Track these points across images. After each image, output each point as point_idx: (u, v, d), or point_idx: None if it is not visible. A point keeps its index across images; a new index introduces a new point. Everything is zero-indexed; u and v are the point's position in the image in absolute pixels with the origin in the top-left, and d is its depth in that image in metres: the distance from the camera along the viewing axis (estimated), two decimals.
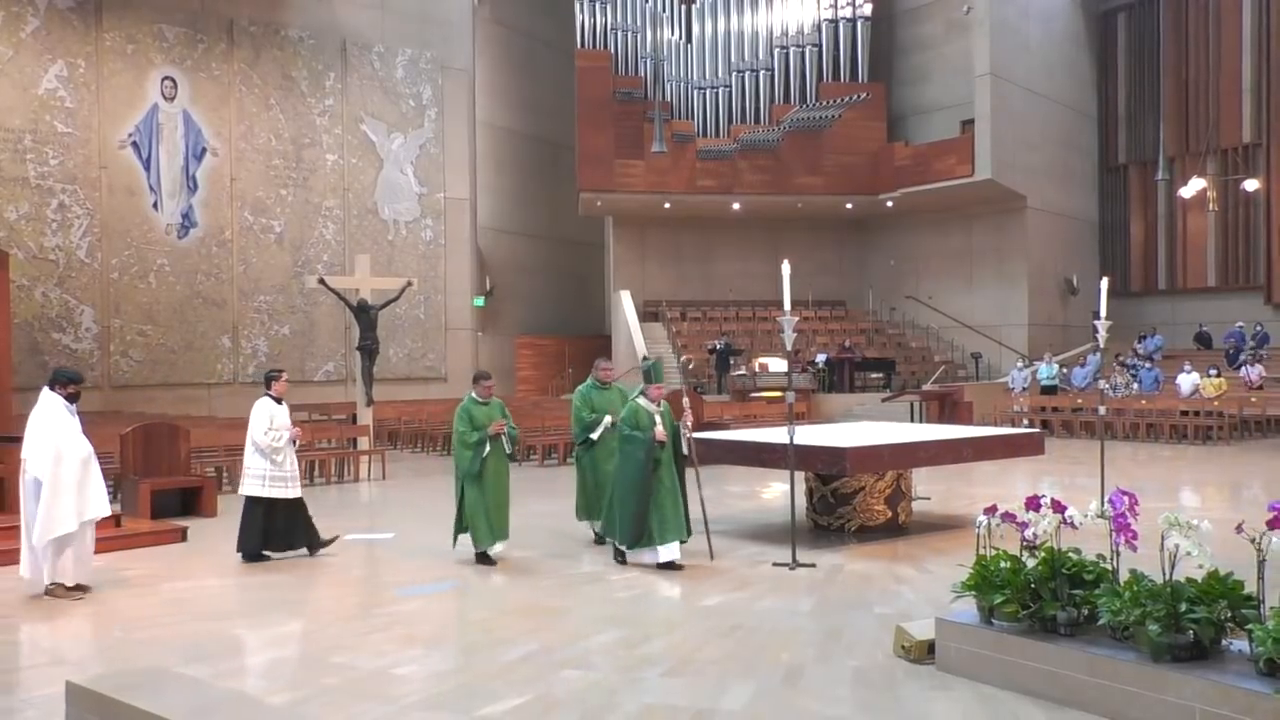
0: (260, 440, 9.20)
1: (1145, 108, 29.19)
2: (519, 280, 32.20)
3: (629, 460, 8.70)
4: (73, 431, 7.97)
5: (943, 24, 30.07)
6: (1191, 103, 28.34)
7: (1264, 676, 4.54)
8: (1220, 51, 27.81)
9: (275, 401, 9.41)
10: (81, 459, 7.92)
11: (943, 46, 30.22)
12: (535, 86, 32.78)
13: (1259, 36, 27.05)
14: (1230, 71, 27.67)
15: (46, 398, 8.04)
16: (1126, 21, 30.00)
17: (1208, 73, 28.05)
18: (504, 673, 5.96)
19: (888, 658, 6.05)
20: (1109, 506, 5.36)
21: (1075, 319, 28.46)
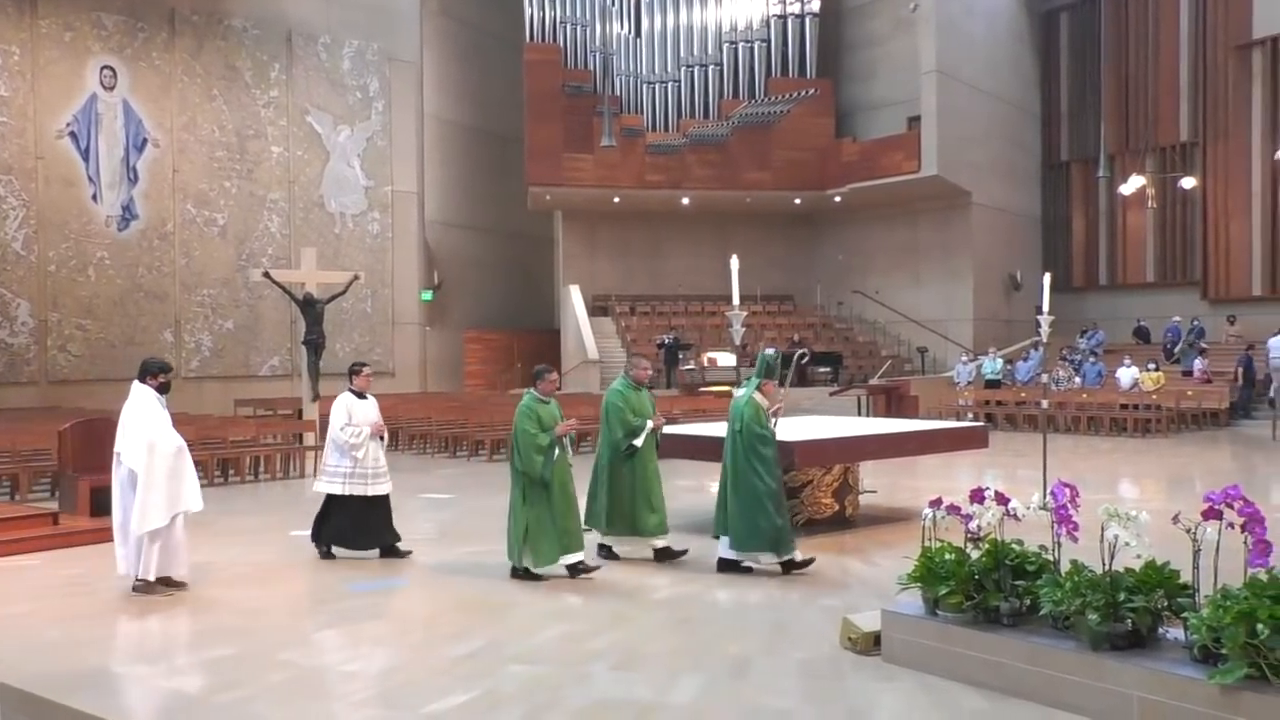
0: (338, 436, 8.78)
1: (1086, 106, 29.64)
2: (467, 274, 32.01)
3: (762, 462, 8.06)
4: (164, 423, 7.83)
5: (889, 21, 30.32)
6: (1131, 101, 28.84)
7: (1198, 663, 4.64)
8: (1158, 52, 28.32)
9: (358, 396, 9.01)
10: (174, 451, 7.77)
11: (889, 43, 30.48)
12: (484, 79, 32.58)
13: (1195, 38, 27.58)
14: (1168, 71, 28.19)
15: (137, 390, 7.86)
16: (1068, 21, 30.44)
17: (1146, 72, 28.56)
18: (452, 668, 5.93)
19: (834, 650, 6.10)
20: (1051, 498, 5.44)
21: (1019, 314, 28.86)
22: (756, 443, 8.08)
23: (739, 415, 8.21)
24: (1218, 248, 27.15)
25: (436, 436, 19.39)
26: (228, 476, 15.15)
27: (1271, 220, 26.27)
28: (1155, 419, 20.69)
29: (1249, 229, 26.65)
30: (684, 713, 5.14)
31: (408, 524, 10.87)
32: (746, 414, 8.15)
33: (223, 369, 24.84)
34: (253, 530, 10.78)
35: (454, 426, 19.10)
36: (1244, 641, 4.38)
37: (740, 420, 8.18)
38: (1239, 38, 26.54)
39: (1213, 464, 16.05)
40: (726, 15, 30.44)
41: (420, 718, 5.13)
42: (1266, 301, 26.09)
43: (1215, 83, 27.04)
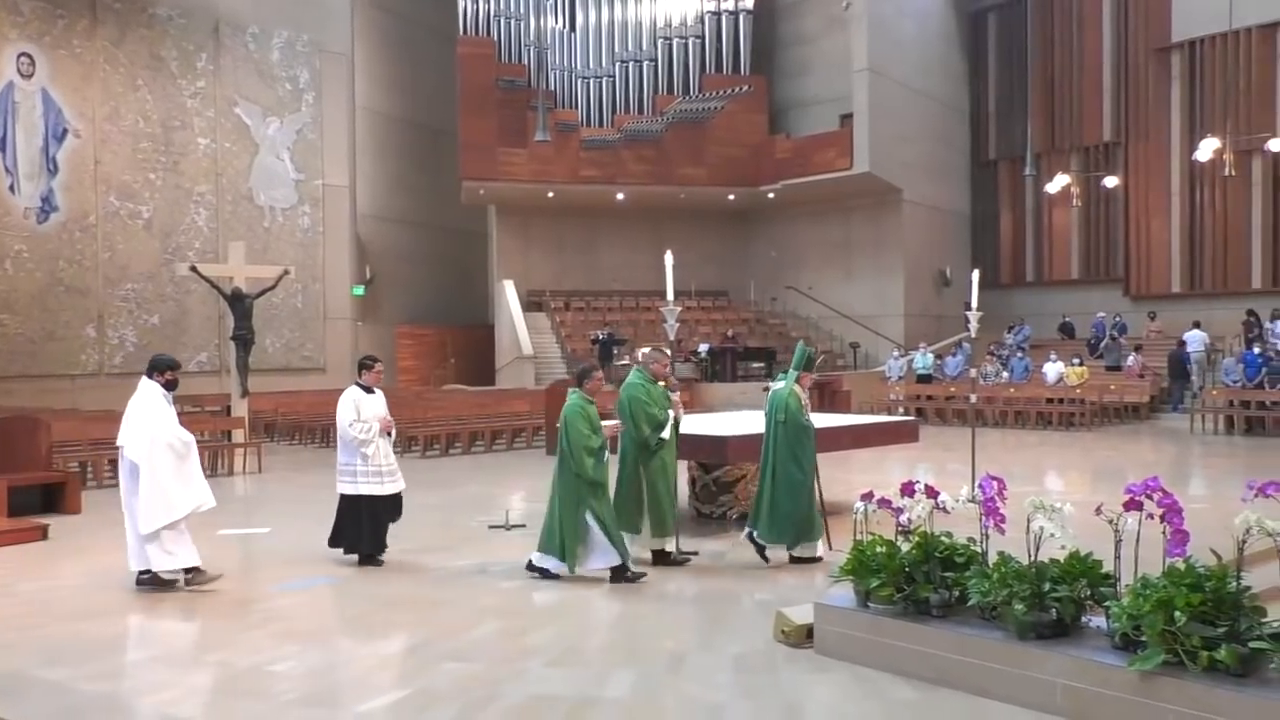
0: (346, 433, 8.47)
1: (1014, 106, 30.17)
2: (400, 269, 31.68)
3: (802, 453, 8.18)
4: (170, 419, 7.68)
5: (822, 19, 30.58)
6: (1057, 102, 29.41)
7: (1119, 650, 4.76)
8: (1082, 53, 28.91)
9: (365, 390, 8.68)
10: (181, 446, 7.63)
11: (822, 41, 30.74)
12: (416, 72, 32.25)
13: (1117, 40, 28.21)
14: (1091, 73, 28.80)
15: (145, 386, 7.78)
16: (996, 22, 30.96)
17: (1071, 73, 29.15)
18: (384, 667, 5.88)
19: (768, 643, 6.15)
20: (979, 491, 5.54)
21: (949, 309, 29.32)
22: (801, 434, 8.24)
23: (783, 406, 8.29)
24: (1139, 245, 27.84)
25: None
26: None
27: (1189, 219, 27.00)
28: (1079, 413, 21.17)
29: (1168, 227, 27.37)
30: (619, 708, 5.15)
31: None
32: (791, 406, 8.26)
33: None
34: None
35: None
36: (1162, 629, 4.51)
37: (785, 411, 8.27)
38: (1159, 41, 27.22)
39: (1134, 456, 16.46)
40: (661, 11, 30.47)
41: (351, 717, 5.07)
42: (1185, 298, 26.82)
43: (1136, 84, 27.71)
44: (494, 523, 10.37)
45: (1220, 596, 4.52)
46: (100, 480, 14.14)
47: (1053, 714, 4.83)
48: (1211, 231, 26.60)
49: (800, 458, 8.19)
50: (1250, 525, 4.54)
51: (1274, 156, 24.34)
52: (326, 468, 9.90)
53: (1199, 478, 14.20)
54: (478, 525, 10.33)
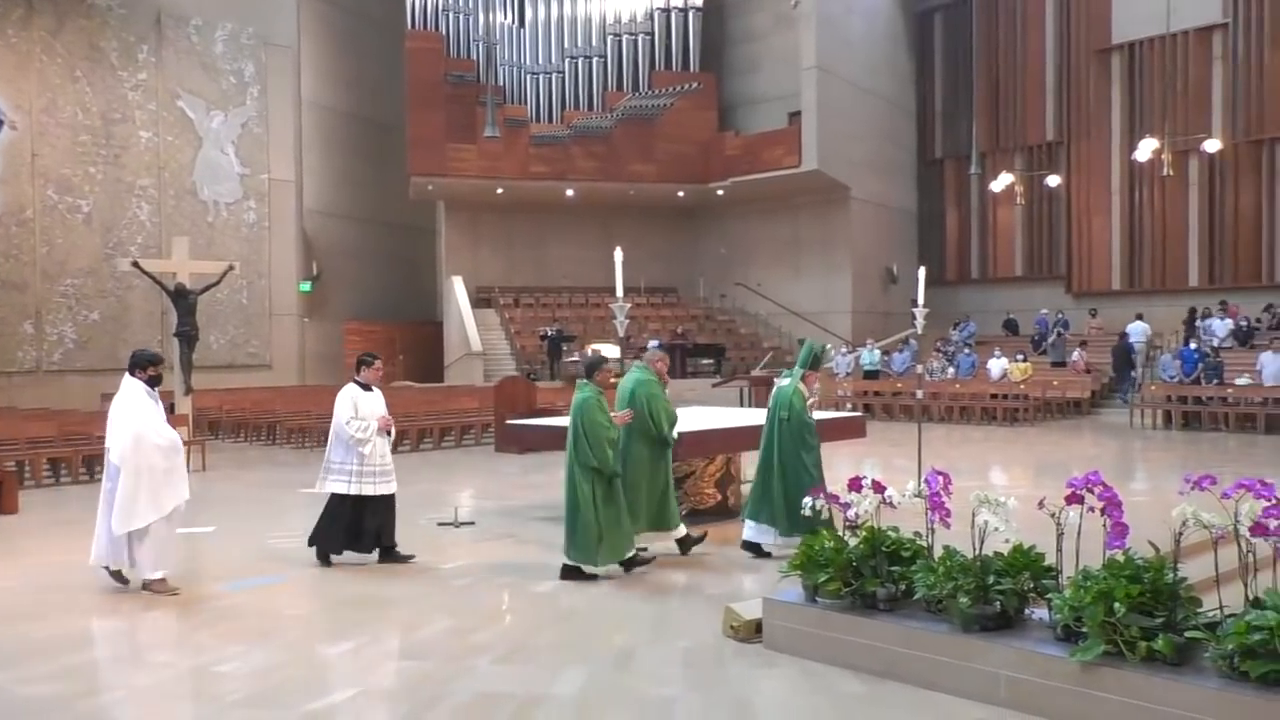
0: (344, 431, 8.22)
1: (959, 105, 30.53)
2: (347, 265, 31.38)
3: (808, 451, 8.25)
4: (154, 417, 7.51)
5: (771, 17, 30.74)
6: (1001, 102, 29.81)
7: (1061, 642, 4.84)
8: (1026, 54, 29.33)
9: (363, 388, 8.45)
10: (165, 446, 7.44)
11: (771, 39, 30.90)
12: (364, 66, 31.95)
13: (1060, 42, 28.65)
14: (1034, 73, 29.23)
15: (127, 383, 7.58)
16: (942, 22, 31.31)
17: (1015, 74, 29.56)
18: (332, 666, 5.83)
19: (717, 638, 6.18)
20: (925, 486, 5.61)
21: (896, 306, 29.63)
22: (805, 432, 8.26)
23: (786, 404, 8.31)
24: (1081, 244, 28.32)
25: (316, 430, 18.99)
26: (94, 474, 14.57)
27: (1129, 218, 27.52)
28: (1023, 408, 21.50)
29: (1109, 226, 27.87)
30: (568, 704, 5.15)
31: (285, 520, 10.65)
32: (796, 404, 8.27)
33: (88, 362, 23.85)
34: None
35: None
36: (1102, 620, 4.59)
37: (789, 409, 8.29)
38: (1099, 43, 27.70)
39: (1075, 451, 16.74)
40: (610, 7, 30.45)
41: (298, 717, 5.02)
42: (1125, 295, 27.32)
43: (1078, 85, 28.18)
44: (443, 520, 10.32)
45: (1158, 587, 4.62)
46: (38, 479, 13.87)
47: (997, 705, 4.91)
48: (1150, 230, 27.12)
49: (806, 457, 8.25)
50: (1187, 518, 4.64)
51: (1210, 157, 24.88)
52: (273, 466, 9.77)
53: (1138, 471, 14.48)
54: (427, 523, 10.27)
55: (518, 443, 15.40)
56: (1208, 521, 4.60)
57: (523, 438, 13.45)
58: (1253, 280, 25.50)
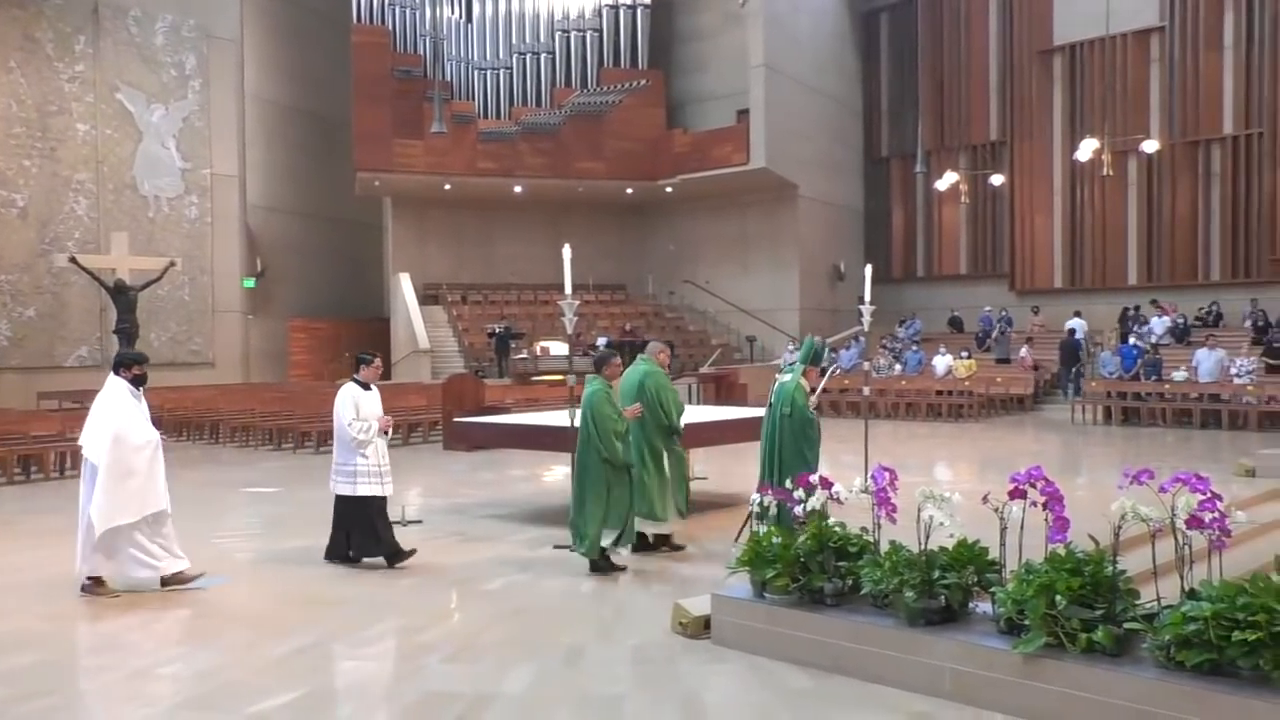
0: (346, 432, 8.07)
1: (905, 104, 30.85)
2: (292, 261, 31.00)
3: (810, 446, 8.25)
4: (136, 417, 7.34)
5: (720, 15, 30.82)
6: (946, 101, 30.16)
7: (1004, 635, 4.92)
8: (970, 55, 29.70)
9: (363, 387, 8.29)
10: (144, 446, 7.28)
11: (719, 37, 30.99)
12: (309, 60, 31.57)
13: (1003, 42, 29.05)
14: (979, 73, 29.61)
15: (111, 383, 7.45)
16: (888, 22, 31.60)
17: (959, 74, 29.92)
18: (277, 667, 5.75)
19: (666, 635, 6.19)
20: (871, 482, 5.66)
21: (843, 303, 29.87)
22: (807, 428, 8.27)
23: (788, 399, 8.30)
24: (1023, 242, 28.74)
25: (260, 428, 18.76)
26: (30, 474, 14.29)
27: (1071, 217, 27.98)
28: (967, 404, 21.79)
29: (1051, 225, 28.32)
30: (517, 703, 5.14)
31: (231, 519, 10.52)
32: (798, 400, 8.27)
33: (24, 359, 23.34)
34: (60, 530, 10.13)
35: (279, 418, 18.52)
36: (1044, 612, 4.67)
37: (791, 405, 8.28)
38: (1041, 44, 28.12)
39: (1018, 446, 17.00)
40: (559, 4, 30.36)
41: (242, 719, 4.95)
42: (1066, 293, 27.78)
43: (1021, 86, 28.58)
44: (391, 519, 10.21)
45: (1098, 580, 4.71)
46: None
47: (942, 698, 4.97)
48: (1091, 229, 27.60)
49: (808, 453, 8.28)
50: (1126, 511, 4.73)
51: (1148, 158, 25.37)
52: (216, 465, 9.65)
53: (1079, 466, 14.73)
54: None
55: (466, 440, 15.33)
56: (1146, 515, 4.69)
57: (471, 435, 13.39)
58: (1188, 279, 26.05)
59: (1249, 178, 25.12)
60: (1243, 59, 25.16)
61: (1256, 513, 9.37)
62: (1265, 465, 11.86)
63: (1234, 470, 12.17)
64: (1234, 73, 25.34)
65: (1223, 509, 4.60)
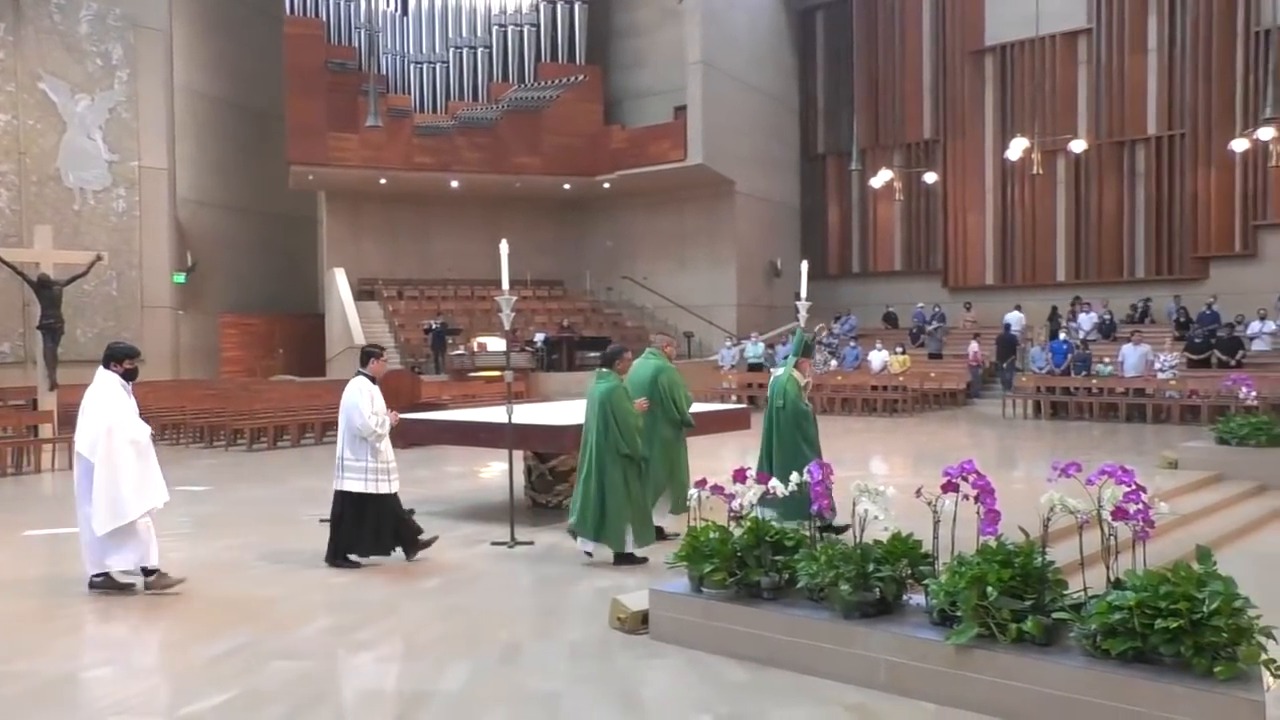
0: (365, 425, 7.91)
1: (840, 102, 31.13)
2: (224, 256, 30.46)
3: (806, 437, 8.33)
4: (129, 412, 7.18)
5: (657, 11, 30.86)
6: (881, 99, 30.49)
7: (937, 626, 5.00)
8: (904, 54, 30.06)
9: (371, 381, 8.19)
10: (138, 440, 7.12)
11: (656, 33, 31.02)
12: (241, 52, 31.02)
13: (936, 42, 29.46)
14: (912, 73, 29.99)
15: (102, 377, 7.36)
16: (824, 20, 31.86)
17: (893, 73, 30.27)
18: (208, 668, 5.65)
19: (604, 630, 6.20)
20: (807, 476, 5.71)
21: (779, 300, 30.07)
22: (800, 419, 8.39)
23: (781, 392, 8.44)
24: (956, 239, 29.19)
25: (191, 426, 18.43)
26: None
27: (1002, 215, 28.47)
28: (902, 399, 22.08)
29: (983, 223, 28.78)
30: (454, 700, 5.11)
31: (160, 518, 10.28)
32: (790, 392, 8.40)
33: None
34: None
35: (210, 416, 18.22)
36: (975, 604, 4.76)
37: (784, 398, 8.42)
38: (973, 44, 28.55)
39: (951, 440, 17.26)
40: None
41: None
42: (997, 290, 28.25)
43: (953, 85, 29.01)
44: (325, 517, 10.08)
45: (1027, 571, 4.80)
46: None
47: (876, 689, 5.04)
48: (1021, 227, 28.09)
49: (804, 444, 8.39)
50: (1054, 504, 4.83)
51: (1076, 157, 25.88)
52: None
53: (1010, 460, 14.99)
54: (309, 520, 10.05)
55: (402, 437, 15.12)
56: (1073, 507, 4.80)
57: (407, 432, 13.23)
58: (1115, 275, 26.64)
59: (1172, 178, 25.75)
60: (1166, 61, 25.78)
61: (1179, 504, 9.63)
62: (1187, 457, 12.17)
63: (1157, 462, 12.46)
64: (1158, 75, 25.96)
65: (1146, 500, 4.72)
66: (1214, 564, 4.58)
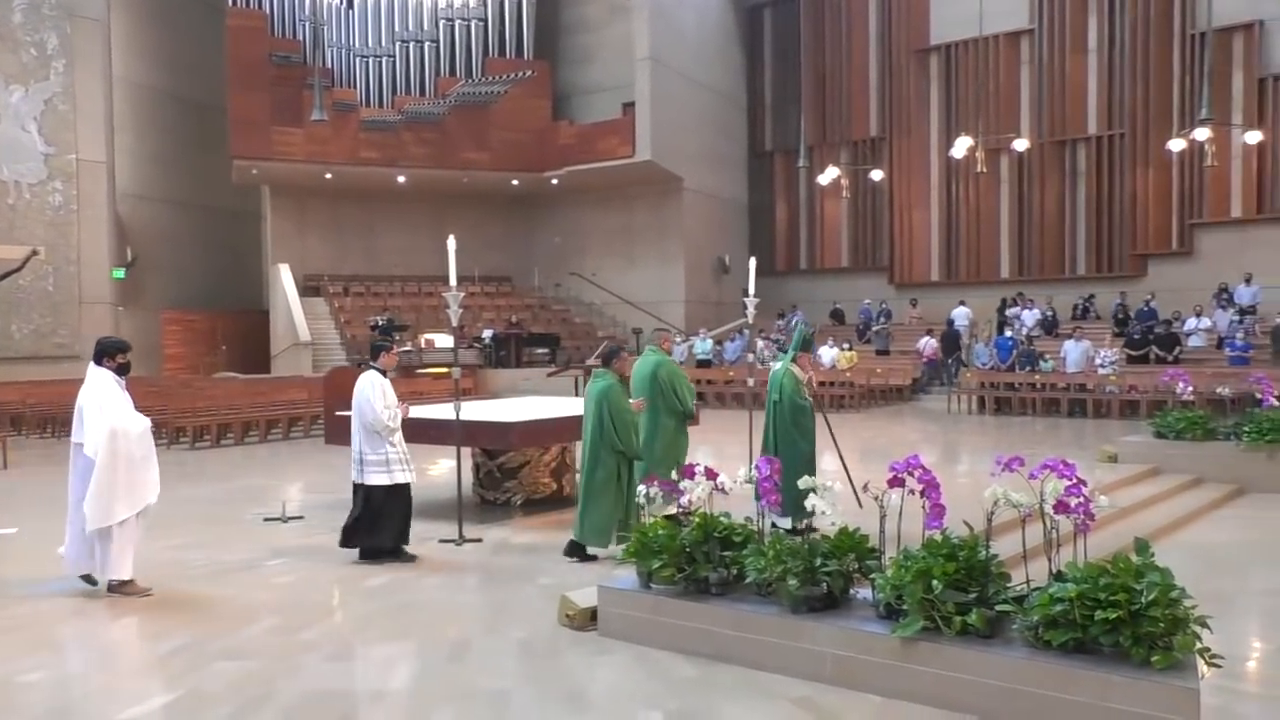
0: (377, 419, 7.90)
1: (788, 99, 31.30)
2: (165, 251, 29.95)
3: (805, 433, 8.34)
4: (127, 407, 7.04)
5: (605, 7, 30.81)
6: (828, 97, 30.71)
7: (884, 619, 5.05)
8: (850, 52, 30.30)
9: (381, 375, 8.18)
10: (139, 437, 7.09)
11: (605, 29, 30.98)
12: (182, 44, 30.49)
13: (882, 41, 29.72)
14: (859, 71, 30.23)
15: (95, 374, 7.17)
16: (771, 17, 32.01)
17: (840, 71, 30.49)
18: (150, 670, 5.56)
19: (553, 628, 6.18)
20: (755, 472, 5.74)
21: (727, 296, 30.19)
22: (797, 415, 8.40)
23: (778, 386, 8.45)
24: (902, 236, 29.48)
25: None
26: None
27: (947, 213, 28.80)
28: (849, 395, 22.26)
29: (928, 220, 29.10)
30: (401, 700, 5.07)
31: None
32: (787, 386, 8.41)
33: None
34: None
35: (151, 413, 17.88)
36: (921, 597, 4.81)
37: (780, 391, 8.43)
38: (918, 43, 28.85)
39: (897, 435, 17.42)
40: None
41: None
42: (943, 286, 28.59)
43: (899, 83, 29.29)
44: (270, 515, 9.99)
45: (972, 565, 4.87)
46: None
47: (824, 682, 5.08)
48: (966, 224, 28.45)
49: (799, 438, 8.42)
50: (998, 498, 4.90)
51: (1019, 156, 26.26)
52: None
53: (955, 455, 15.17)
54: (253, 519, 9.92)
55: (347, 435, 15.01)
56: (1016, 501, 4.87)
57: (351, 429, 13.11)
58: (1057, 272, 27.06)
59: (1111, 177, 26.20)
60: (1105, 62, 26.23)
61: (1118, 497, 9.82)
62: (1126, 451, 12.41)
63: (1098, 456, 12.70)
64: (1098, 75, 26.40)
65: (1087, 494, 4.80)
66: (1152, 556, 4.67)
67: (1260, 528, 9.67)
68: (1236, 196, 24.70)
